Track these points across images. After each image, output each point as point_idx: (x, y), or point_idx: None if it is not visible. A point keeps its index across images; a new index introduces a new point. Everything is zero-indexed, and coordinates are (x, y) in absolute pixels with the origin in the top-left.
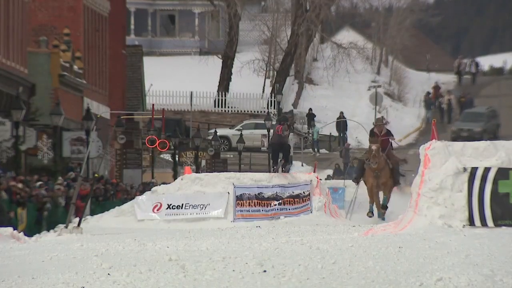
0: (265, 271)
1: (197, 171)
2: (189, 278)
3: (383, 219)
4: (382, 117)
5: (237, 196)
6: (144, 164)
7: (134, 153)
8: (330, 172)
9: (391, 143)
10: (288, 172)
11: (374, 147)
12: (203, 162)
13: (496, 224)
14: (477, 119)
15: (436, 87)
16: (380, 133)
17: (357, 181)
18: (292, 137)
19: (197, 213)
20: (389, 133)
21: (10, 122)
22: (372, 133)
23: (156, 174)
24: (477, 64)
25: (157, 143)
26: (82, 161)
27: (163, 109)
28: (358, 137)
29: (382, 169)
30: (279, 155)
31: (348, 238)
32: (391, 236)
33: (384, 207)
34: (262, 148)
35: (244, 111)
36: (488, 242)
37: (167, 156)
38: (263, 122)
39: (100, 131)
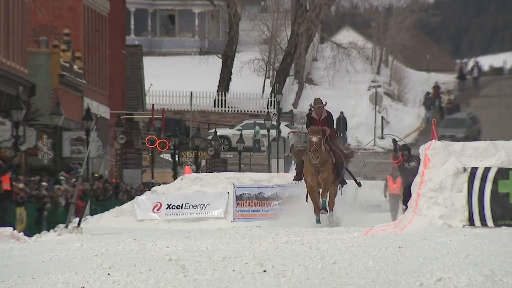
0: (265, 271)
1: (197, 171)
2: (189, 278)
3: (329, 213)
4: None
5: (237, 196)
6: (144, 164)
7: (134, 153)
8: None
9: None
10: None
11: (314, 139)
12: (203, 162)
13: (496, 224)
14: (459, 125)
15: (436, 87)
16: (320, 118)
17: (298, 178)
18: (291, 137)
19: (197, 213)
20: (330, 118)
21: (10, 122)
22: (310, 119)
23: (156, 174)
24: (479, 68)
25: (157, 143)
26: (82, 161)
27: (163, 109)
28: (358, 137)
29: (325, 160)
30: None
31: (348, 238)
32: (391, 236)
33: (324, 211)
34: (262, 148)
35: (244, 111)
36: (488, 242)
37: (167, 156)
38: (263, 122)
39: (100, 131)
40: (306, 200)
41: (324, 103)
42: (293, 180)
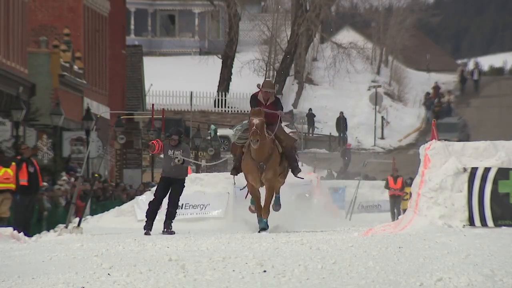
0: (265, 271)
1: (197, 171)
2: (189, 278)
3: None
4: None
5: (237, 196)
6: (144, 164)
7: (134, 153)
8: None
9: (280, 118)
10: None
11: (256, 120)
12: (203, 162)
13: (496, 224)
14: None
15: (436, 87)
16: (266, 102)
17: (236, 173)
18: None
19: (197, 213)
20: (278, 103)
21: (10, 122)
22: (254, 100)
23: (156, 174)
24: (479, 71)
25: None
26: (82, 161)
27: (163, 109)
28: (358, 137)
29: (269, 153)
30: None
31: (348, 238)
32: (391, 236)
33: (275, 206)
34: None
35: (244, 111)
36: (488, 242)
37: None
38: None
39: (100, 131)
40: (245, 197)
41: (274, 89)
42: (230, 174)
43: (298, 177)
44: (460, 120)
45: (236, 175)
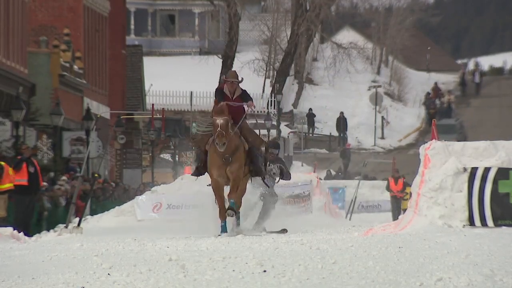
0: (265, 271)
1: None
2: (189, 278)
3: (238, 223)
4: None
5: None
6: (144, 164)
7: (134, 153)
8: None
9: (246, 113)
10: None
11: (219, 120)
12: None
13: (496, 224)
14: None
15: (436, 88)
16: (233, 95)
17: (198, 173)
18: (291, 137)
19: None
20: (245, 95)
21: (10, 122)
22: (220, 94)
23: (156, 174)
24: (481, 73)
25: None
26: (82, 161)
27: (163, 109)
28: (358, 137)
29: (234, 153)
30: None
31: (348, 238)
32: (391, 236)
33: (232, 212)
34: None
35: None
36: (488, 242)
37: (167, 156)
38: (263, 122)
39: (100, 131)
40: (199, 175)
41: (240, 79)
42: (192, 175)
43: (265, 183)
44: (458, 122)
45: (199, 176)
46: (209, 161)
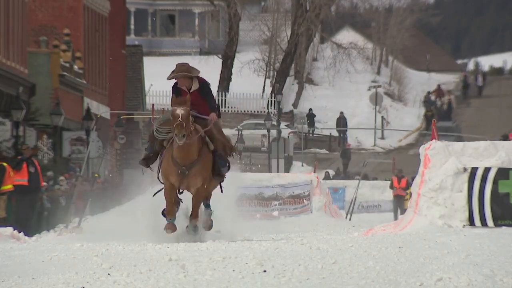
0: (265, 271)
1: None
2: (189, 278)
3: (194, 231)
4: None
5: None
6: None
7: (134, 153)
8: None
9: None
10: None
11: (180, 111)
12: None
13: (496, 224)
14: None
15: (439, 90)
16: (189, 90)
17: (146, 164)
18: (291, 137)
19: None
20: (206, 89)
21: (10, 122)
22: (177, 91)
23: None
24: (484, 77)
25: None
26: (82, 161)
27: (163, 109)
28: (358, 137)
29: (195, 164)
30: None
31: (348, 238)
32: (391, 236)
33: (205, 223)
34: (262, 148)
35: (244, 111)
36: (488, 242)
37: None
38: (263, 122)
39: (100, 131)
40: (146, 166)
41: (191, 72)
42: (140, 164)
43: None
44: (455, 124)
45: (147, 166)
46: (165, 159)
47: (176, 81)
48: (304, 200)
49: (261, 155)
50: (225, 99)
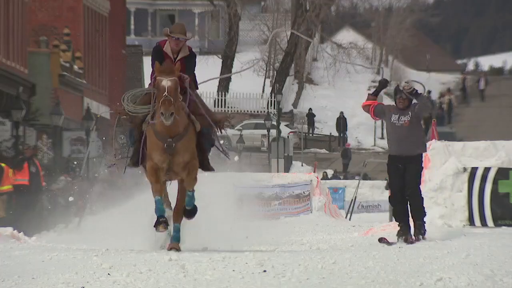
0: (265, 271)
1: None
2: (189, 278)
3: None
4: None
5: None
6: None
7: None
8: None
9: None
10: None
11: (167, 82)
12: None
13: (496, 224)
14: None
15: (448, 92)
16: (176, 56)
17: (135, 163)
18: (291, 137)
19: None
20: (193, 60)
21: (10, 122)
22: (159, 54)
23: None
24: (486, 80)
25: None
26: (82, 161)
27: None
28: (358, 137)
29: (181, 137)
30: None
31: (348, 238)
32: (391, 236)
33: (190, 212)
34: (262, 148)
35: (244, 111)
36: (488, 242)
37: None
38: (263, 122)
39: (100, 131)
40: (135, 165)
41: (189, 36)
42: (128, 165)
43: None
44: (453, 131)
45: (136, 166)
46: (149, 143)
47: (159, 43)
48: (304, 200)
49: (261, 155)
50: (225, 99)
